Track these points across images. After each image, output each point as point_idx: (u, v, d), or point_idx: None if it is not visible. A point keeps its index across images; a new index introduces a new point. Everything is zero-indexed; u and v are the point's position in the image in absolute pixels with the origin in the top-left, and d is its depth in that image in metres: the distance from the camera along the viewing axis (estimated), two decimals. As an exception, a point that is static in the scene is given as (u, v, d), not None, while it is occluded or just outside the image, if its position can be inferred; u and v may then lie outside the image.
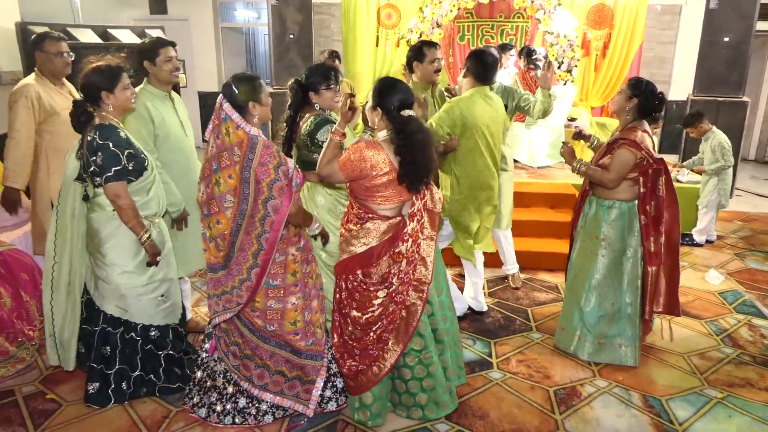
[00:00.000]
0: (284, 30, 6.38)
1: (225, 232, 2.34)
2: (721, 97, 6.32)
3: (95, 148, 2.46)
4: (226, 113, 2.27)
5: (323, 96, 2.88)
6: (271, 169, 2.25)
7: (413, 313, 2.46)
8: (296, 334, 2.50)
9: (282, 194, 2.27)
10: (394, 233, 2.38)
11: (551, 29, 6.63)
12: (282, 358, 2.54)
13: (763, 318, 3.80)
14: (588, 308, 3.18)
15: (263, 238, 2.31)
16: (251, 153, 2.24)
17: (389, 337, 2.46)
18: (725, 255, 4.99)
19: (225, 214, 2.32)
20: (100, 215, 2.61)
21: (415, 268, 2.45)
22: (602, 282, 3.16)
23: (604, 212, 3.14)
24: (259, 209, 2.28)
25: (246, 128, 2.26)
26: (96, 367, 2.71)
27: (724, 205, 5.10)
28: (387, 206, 2.39)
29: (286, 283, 2.44)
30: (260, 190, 2.26)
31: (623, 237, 3.10)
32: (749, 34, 6.25)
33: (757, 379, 3.07)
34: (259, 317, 2.47)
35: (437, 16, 6.72)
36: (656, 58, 8.44)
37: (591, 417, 2.73)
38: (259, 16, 10.47)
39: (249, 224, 2.31)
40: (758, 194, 7.11)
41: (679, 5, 8.22)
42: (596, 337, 3.19)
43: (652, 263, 3.07)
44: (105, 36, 4.92)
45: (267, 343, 2.52)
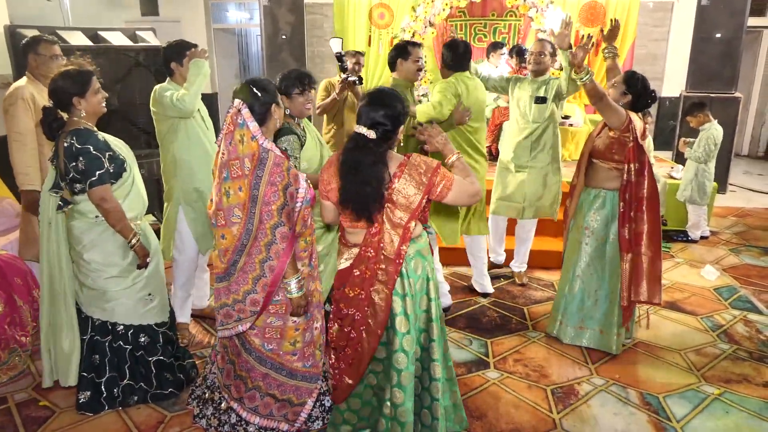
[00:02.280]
0: (276, 30, 6.35)
1: (228, 248, 2.22)
2: (713, 93, 6.34)
3: (74, 153, 2.42)
4: (244, 119, 2.15)
5: (295, 101, 2.84)
6: (280, 191, 2.13)
7: (365, 352, 2.23)
8: (294, 355, 2.38)
9: (291, 220, 2.17)
10: (352, 263, 2.20)
11: (544, 27, 6.62)
12: (275, 382, 2.41)
13: (759, 313, 3.81)
14: (571, 294, 3.30)
15: (267, 265, 2.19)
16: (260, 169, 2.12)
17: (346, 368, 2.30)
18: (720, 251, 5.00)
19: (231, 230, 2.19)
20: (81, 222, 2.56)
21: (366, 311, 2.19)
22: (586, 270, 3.25)
23: (590, 202, 3.21)
24: (267, 234, 2.16)
25: (260, 140, 2.15)
26: (86, 375, 2.67)
27: (697, 200, 5.09)
28: (350, 229, 2.22)
29: (289, 300, 2.31)
30: (270, 214, 2.14)
31: (607, 224, 3.18)
32: (741, 30, 6.28)
33: (754, 375, 3.08)
34: (257, 335, 2.35)
35: (430, 15, 6.70)
36: (649, 55, 8.45)
37: (589, 415, 2.73)
38: (251, 16, 10.43)
39: (253, 246, 2.19)
40: (752, 189, 7.13)
41: (671, 2, 8.23)
42: (578, 322, 3.31)
43: (627, 249, 3.11)
44: (95, 38, 4.88)
45: (262, 365, 2.39)
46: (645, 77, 3.17)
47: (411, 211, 2.09)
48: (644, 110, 3.19)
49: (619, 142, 3.06)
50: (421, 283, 2.25)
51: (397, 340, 2.20)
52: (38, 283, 3.23)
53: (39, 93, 3.28)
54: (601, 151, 3.14)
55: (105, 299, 2.62)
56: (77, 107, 2.49)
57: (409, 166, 2.09)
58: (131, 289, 2.64)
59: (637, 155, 3.03)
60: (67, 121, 2.52)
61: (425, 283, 2.27)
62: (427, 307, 2.29)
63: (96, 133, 2.53)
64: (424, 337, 2.31)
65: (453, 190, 2.10)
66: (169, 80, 3.16)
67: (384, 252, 2.12)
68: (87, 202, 2.52)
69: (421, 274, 2.24)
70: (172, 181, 3.20)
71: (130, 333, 2.69)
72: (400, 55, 3.46)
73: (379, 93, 2.14)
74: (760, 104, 9.13)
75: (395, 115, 2.09)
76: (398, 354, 2.21)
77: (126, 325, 2.68)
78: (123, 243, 2.58)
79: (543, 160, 3.87)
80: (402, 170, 2.09)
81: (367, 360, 2.25)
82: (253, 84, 2.22)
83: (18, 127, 3.19)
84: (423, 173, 2.09)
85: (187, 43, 3.15)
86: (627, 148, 3.03)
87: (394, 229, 2.10)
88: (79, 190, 2.50)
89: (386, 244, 2.11)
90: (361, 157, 2.05)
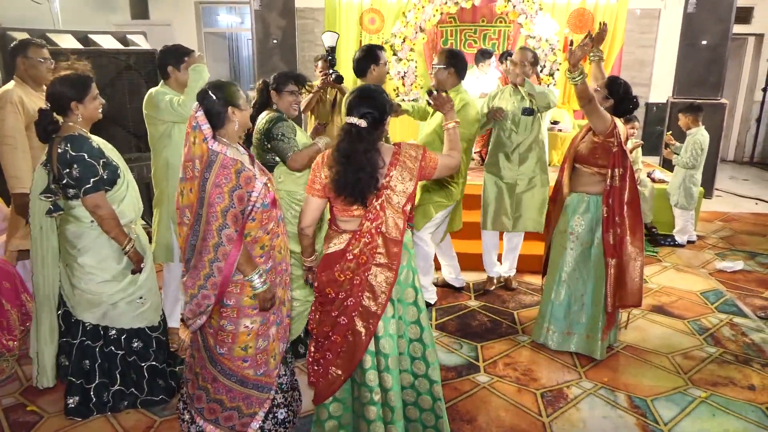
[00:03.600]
0: (267, 35, 6.36)
1: (183, 247, 2.23)
2: (699, 99, 6.42)
3: (69, 160, 2.41)
4: (198, 122, 2.15)
5: (284, 99, 2.94)
6: (225, 193, 2.10)
7: (359, 342, 2.25)
8: (245, 361, 2.31)
9: (236, 222, 2.14)
10: (343, 248, 2.25)
11: (533, 33, 6.68)
12: (224, 387, 2.34)
13: (745, 317, 3.86)
14: (558, 300, 3.31)
15: (215, 265, 2.17)
16: (207, 171, 2.11)
17: (334, 359, 2.30)
18: (707, 255, 5.06)
19: (183, 229, 2.21)
20: (76, 227, 2.55)
21: (362, 294, 2.24)
22: (571, 275, 3.27)
23: (574, 207, 3.23)
24: (214, 235, 2.14)
25: (210, 143, 2.14)
26: (75, 381, 2.66)
27: (685, 206, 5.15)
28: (343, 218, 2.28)
29: (241, 305, 2.25)
30: (215, 215, 2.12)
31: (591, 229, 3.20)
32: (726, 37, 6.37)
33: (740, 378, 3.12)
34: (212, 336, 2.31)
35: (420, 21, 6.74)
36: (636, 61, 8.56)
37: (577, 419, 2.75)
38: (242, 20, 10.42)
39: (203, 246, 2.17)
40: (737, 194, 7.23)
41: (657, 9, 8.35)
42: (566, 328, 3.32)
43: (612, 255, 3.13)
44: (85, 41, 4.86)
45: (214, 367, 2.33)
46: (627, 83, 3.21)
47: (407, 195, 2.24)
48: (627, 115, 3.22)
49: (603, 147, 3.09)
50: (406, 274, 2.32)
51: (382, 324, 2.26)
52: (26, 287, 3.22)
53: (27, 96, 3.26)
54: (585, 155, 3.18)
55: (98, 303, 2.60)
56: (74, 112, 2.50)
57: (401, 155, 2.24)
58: (124, 292, 2.63)
59: (621, 161, 3.06)
60: (61, 125, 2.51)
61: (410, 275, 2.34)
62: (414, 300, 2.35)
63: (90, 139, 2.52)
64: (413, 330, 2.35)
65: (438, 168, 2.31)
66: (163, 83, 3.16)
67: (389, 234, 2.23)
68: (80, 207, 2.52)
69: (405, 265, 2.31)
70: (163, 184, 3.19)
71: (123, 338, 2.68)
72: (372, 61, 3.41)
73: (365, 87, 2.31)
74: (745, 110, 9.27)
75: (382, 105, 2.23)
76: (384, 339, 2.26)
77: (119, 330, 2.66)
78: (117, 248, 2.58)
79: (530, 172, 3.88)
80: (396, 159, 2.23)
81: (363, 348, 2.25)
82: (210, 87, 2.20)
83: (6, 129, 3.17)
84: (413, 159, 2.25)
85: (185, 48, 3.17)
86: (611, 153, 3.06)
87: (395, 213, 2.23)
88: (72, 195, 2.50)
89: (390, 228, 2.22)
90: (355, 145, 2.16)
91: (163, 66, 3.14)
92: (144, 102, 3.11)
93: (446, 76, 3.53)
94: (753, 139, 9.25)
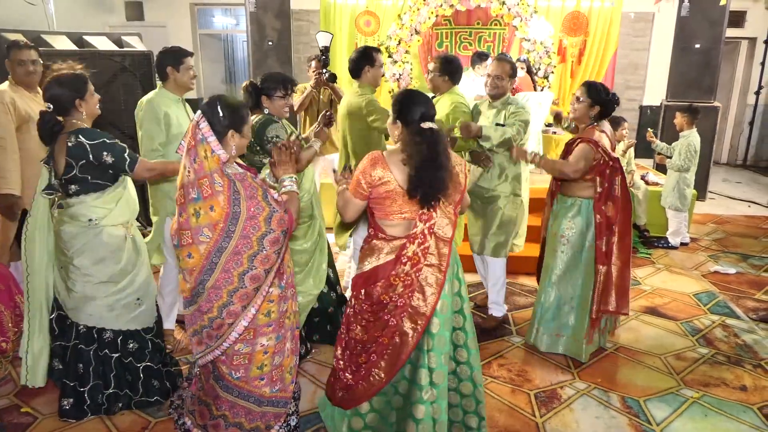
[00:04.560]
0: (263, 37, 6.37)
1: (195, 268, 2.11)
2: (693, 102, 6.46)
3: (88, 150, 2.43)
4: (203, 134, 2.04)
5: (275, 103, 2.94)
6: (261, 201, 2.08)
7: (405, 343, 2.26)
8: (261, 380, 2.27)
9: (282, 224, 2.12)
10: (396, 254, 2.26)
11: (528, 36, 6.72)
12: (243, 410, 2.30)
13: (737, 318, 3.89)
14: (547, 303, 3.32)
15: (248, 275, 2.12)
16: (234, 190, 2.06)
17: (378, 361, 2.30)
18: (699, 257, 5.09)
19: (198, 249, 2.09)
20: (72, 227, 2.54)
21: (411, 295, 2.26)
22: (562, 277, 3.28)
23: (565, 210, 3.25)
24: (252, 245, 2.09)
25: (222, 156, 2.06)
26: (69, 383, 2.66)
27: (680, 207, 5.18)
28: (391, 223, 2.29)
29: (257, 324, 2.20)
30: (256, 226, 2.07)
31: (582, 233, 3.20)
32: (719, 41, 6.42)
33: (732, 379, 3.14)
34: (225, 363, 2.23)
35: (415, 23, 6.77)
36: (630, 65, 8.61)
37: (571, 419, 2.77)
38: (237, 22, 10.43)
39: (230, 262, 2.10)
40: (730, 197, 7.27)
41: (651, 13, 8.41)
42: (555, 330, 3.33)
43: (603, 262, 3.14)
44: (80, 43, 4.86)
45: (229, 393, 2.27)
46: (602, 83, 3.23)
47: (454, 201, 2.31)
48: (611, 115, 3.23)
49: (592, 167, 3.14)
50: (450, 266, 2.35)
51: (438, 321, 2.29)
52: (20, 289, 3.21)
53: (20, 98, 3.26)
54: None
55: (94, 305, 2.60)
56: (78, 110, 2.53)
57: (451, 161, 2.27)
58: (121, 293, 2.63)
59: (608, 175, 3.11)
60: (65, 124, 2.52)
61: (455, 266, 2.39)
62: (458, 290, 2.41)
63: (96, 129, 2.56)
64: (457, 319, 2.41)
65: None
66: (161, 86, 3.19)
67: (440, 234, 2.28)
68: (80, 205, 2.52)
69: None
70: (159, 187, 3.19)
71: (119, 339, 2.67)
72: (367, 62, 3.42)
73: (417, 92, 2.36)
74: (738, 113, 9.33)
75: (434, 107, 2.34)
76: (438, 336, 2.29)
77: (114, 332, 2.66)
78: (115, 248, 2.57)
79: (505, 190, 3.53)
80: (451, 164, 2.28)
81: (410, 350, 2.26)
82: (220, 101, 2.10)
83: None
84: (460, 165, 2.34)
85: (185, 50, 3.21)
86: (599, 165, 3.10)
87: (446, 213, 2.29)
88: (73, 192, 2.50)
89: (443, 227, 2.28)
90: (437, 147, 2.19)
91: (162, 67, 3.15)
92: (137, 107, 3.13)
93: (441, 83, 3.57)
94: (746, 142, 9.31)
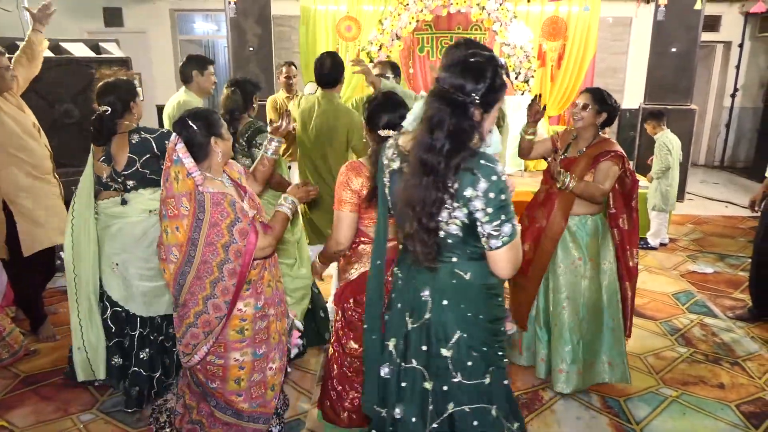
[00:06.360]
0: (244, 42, 6.36)
1: (169, 283, 2.15)
2: (670, 105, 6.57)
3: (153, 142, 2.63)
4: (179, 155, 2.00)
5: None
6: (224, 229, 2.02)
7: None
8: (239, 395, 2.24)
9: (239, 257, 2.05)
10: (388, 257, 2.07)
11: (508, 41, 6.78)
12: (219, 421, 2.26)
13: (714, 317, 3.95)
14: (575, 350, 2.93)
15: (210, 302, 2.09)
16: (200, 212, 2.00)
17: None
18: (678, 257, 5.16)
19: (169, 267, 2.10)
20: (127, 221, 2.67)
21: None
22: (592, 304, 2.95)
23: (585, 230, 2.94)
24: (213, 271, 2.06)
25: (197, 179, 2.01)
26: (137, 370, 2.75)
27: (663, 208, 5.24)
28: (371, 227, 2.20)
29: (227, 339, 2.16)
30: (215, 252, 2.03)
31: (598, 252, 2.95)
32: (695, 45, 6.54)
33: (710, 377, 3.18)
34: (200, 371, 2.23)
35: (396, 29, 6.80)
36: (609, 68, 8.72)
37: (552, 420, 2.78)
38: (218, 28, 10.37)
39: (195, 285, 2.08)
40: (708, 198, 7.39)
41: (629, 17, 8.53)
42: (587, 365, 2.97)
43: (628, 279, 2.99)
44: (57, 49, 4.79)
45: (209, 401, 2.26)
46: (605, 89, 3.00)
47: None
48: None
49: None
50: None
51: None
52: None
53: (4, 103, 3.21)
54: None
55: (153, 296, 2.73)
56: (133, 111, 2.71)
57: None
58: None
59: (630, 190, 2.95)
60: (119, 125, 2.67)
61: None
62: None
63: None
64: None
65: None
66: (186, 89, 3.49)
67: None
68: (138, 198, 2.68)
69: None
70: None
71: (165, 324, 2.82)
72: (343, 70, 3.41)
73: (390, 98, 2.21)
74: (715, 116, 9.49)
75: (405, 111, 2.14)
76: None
77: (161, 316, 2.80)
78: None
79: None
80: None
81: None
82: (189, 116, 2.08)
83: None
84: None
85: (209, 59, 3.58)
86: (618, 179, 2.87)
87: None
88: (131, 187, 2.67)
89: None
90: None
91: (188, 71, 3.47)
92: (170, 107, 3.42)
93: None
94: (723, 144, 9.48)
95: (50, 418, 2.74)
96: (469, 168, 1.55)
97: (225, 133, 2.15)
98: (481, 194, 1.55)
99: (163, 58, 8.71)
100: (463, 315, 1.70)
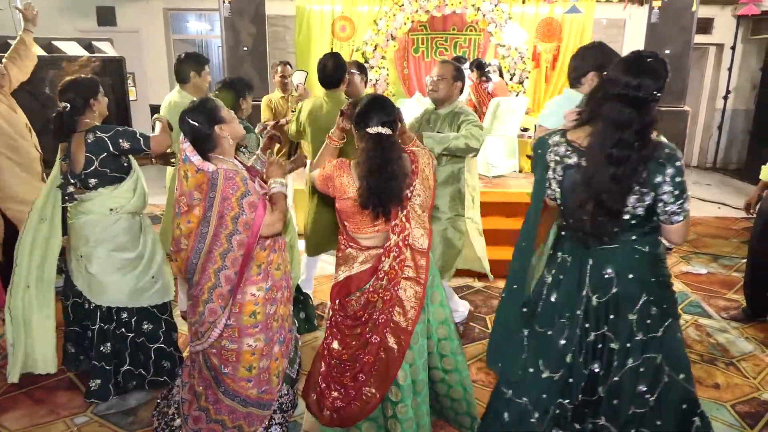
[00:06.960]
0: (238, 42, 6.33)
1: (181, 269, 2.25)
2: (663, 107, 6.59)
3: (105, 142, 2.60)
4: (186, 154, 2.11)
5: (248, 103, 3.19)
6: (233, 202, 2.08)
7: (393, 359, 2.20)
8: (249, 381, 2.29)
9: (247, 228, 2.11)
10: (373, 264, 2.19)
11: (503, 42, 6.80)
12: (226, 408, 2.31)
13: (709, 318, 3.96)
14: None
15: (222, 274, 2.15)
16: (212, 192, 2.08)
17: (367, 379, 2.24)
18: (672, 258, 5.17)
19: (180, 255, 2.21)
20: (94, 216, 2.69)
21: (392, 310, 2.19)
22: None
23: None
24: (222, 243, 2.12)
25: (206, 169, 2.09)
26: (97, 364, 2.78)
27: None
28: (363, 236, 2.23)
29: (242, 324, 2.22)
30: (224, 225, 2.10)
31: None
32: (688, 47, 6.57)
33: (705, 377, 3.19)
34: (216, 355, 2.28)
35: (391, 29, 6.80)
36: (603, 70, 8.74)
37: (549, 421, 2.78)
38: (212, 27, 10.34)
39: (207, 260, 2.15)
40: (701, 199, 7.42)
41: (623, 19, 8.57)
42: None
43: None
44: (49, 48, 4.77)
45: (218, 387, 2.30)
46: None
47: (426, 207, 2.24)
48: None
49: None
50: (431, 278, 2.33)
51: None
52: None
53: None
54: None
55: (115, 287, 2.75)
56: (93, 108, 2.70)
57: (420, 163, 2.22)
58: (139, 273, 2.79)
59: None
60: (79, 123, 2.67)
61: (435, 278, 2.38)
62: (440, 301, 2.38)
63: None
64: (442, 330, 2.39)
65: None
66: (180, 89, 3.40)
67: (415, 246, 2.21)
68: (100, 197, 2.68)
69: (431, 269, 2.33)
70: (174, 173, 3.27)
71: (134, 320, 2.81)
72: (345, 71, 3.44)
73: (375, 97, 2.25)
74: (707, 118, 9.54)
75: (396, 112, 2.19)
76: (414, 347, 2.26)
77: (130, 312, 2.80)
78: (134, 233, 2.78)
79: (444, 211, 3.23)
80: (416, 168, 2.21)
81: (398, 364, 2.20)
82: (187, 113, 2.14)
83: None
84: (430, 166, 2.24)
85: (205, 58, 3.51)
86: None
87: (420, 223, 2.22)
88: (93, 185, 2.66)
89: (418, 239, 2.22)
90: (388, 153, 2.11)
91: (185, 71, 3.37)
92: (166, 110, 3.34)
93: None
94: (715, 146, 9.52)
95: (43, 421, 2.72)
96: (656, 157, 1.77)
97: (226, 116, 2.20)
98: (669, 179, 1.78)
99: (156, 58, 8.67)
100: (647, 281, 1.92)
